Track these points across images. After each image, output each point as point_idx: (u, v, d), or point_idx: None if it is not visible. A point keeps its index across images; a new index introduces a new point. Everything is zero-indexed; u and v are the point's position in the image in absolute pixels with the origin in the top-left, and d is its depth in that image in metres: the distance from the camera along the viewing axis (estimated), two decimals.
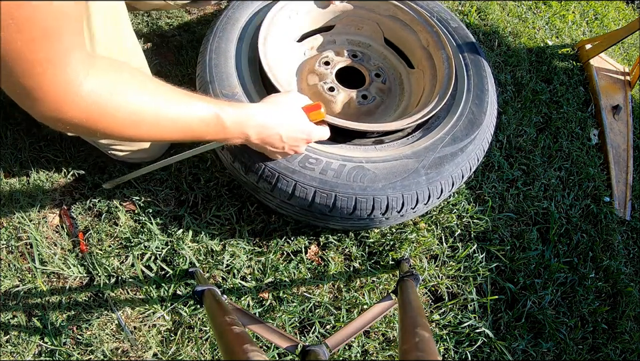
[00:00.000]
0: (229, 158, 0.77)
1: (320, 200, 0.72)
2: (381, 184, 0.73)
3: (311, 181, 0.72)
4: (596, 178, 1.28)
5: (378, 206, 0.73)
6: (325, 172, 0.73)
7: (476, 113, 0.86)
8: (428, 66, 0.94)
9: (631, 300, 1.07)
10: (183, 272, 0.87)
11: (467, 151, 0.80)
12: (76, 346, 0.81)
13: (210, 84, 0.80)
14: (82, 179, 0.98)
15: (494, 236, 1.06)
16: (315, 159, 0.74)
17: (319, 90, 0.91)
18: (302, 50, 1.03)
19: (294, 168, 0.72)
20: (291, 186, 0.72)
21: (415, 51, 0.99)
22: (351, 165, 0.74)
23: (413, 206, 0.76)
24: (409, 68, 1.02)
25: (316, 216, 0.78)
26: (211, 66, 0.82)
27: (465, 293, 0.95)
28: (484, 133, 0.85)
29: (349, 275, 0.93)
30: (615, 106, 1.50)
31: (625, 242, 1.21)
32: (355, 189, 0.72)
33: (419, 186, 0.74)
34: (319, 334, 0.85)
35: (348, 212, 0.73)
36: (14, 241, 0.88)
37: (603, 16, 2.00)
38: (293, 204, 0.76)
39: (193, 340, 0.82)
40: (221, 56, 0.84)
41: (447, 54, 0.89)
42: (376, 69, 0.98)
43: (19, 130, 1.02)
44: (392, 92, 0.99)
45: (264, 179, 0.73)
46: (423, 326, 0.49)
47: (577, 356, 0.96)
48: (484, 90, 0.91)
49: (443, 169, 0.77)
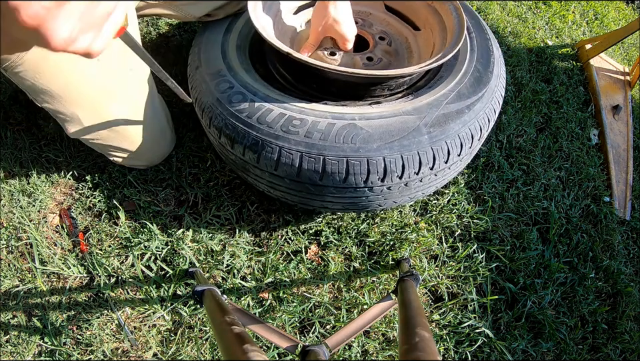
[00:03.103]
0: (216, 134, 0.75)
1: (307, 165, 0.67)
2: (376, 145, 0.66)
3: (296, 145, 0.67)
4: (596, 178, 1.28)
5: (374, 170, 0.66)
6: (310, 134, 0.67)
7: (482, 72, 0.81)
8: (436, 23, 0.91)
9: (630, 300, 1.07)
10: (182, 272, 0.87)
11: (474, 109, 0.73)
12: (76, 346, 0.81)
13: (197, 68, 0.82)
14: (82, 179, 0.98)
15: (494, 236, 1.06)
16: (300, 120, 0.68)
17: (319, 55, 0.84)
18: (298, 23, 0.99)
19: (277, 133, 0.68)
20: (275, 153, 0.68)
21: (419, 11, 0.95)
22: (341, 123, 0.67)
23: (416, 171, 0.68)
24: (415, 31, 0.99)
25: (309, 190, 0.72)
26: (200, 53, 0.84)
27: (465, 293, 0.95)
28: (492, 93, 0.79)
29: (349, 275, 0.93)
30: (615, 106, 1.50)
31: (624, 242, 1.21)
32: (346, 150, 0.65)
33: (420, 145, 0.67)
34: (318, 334, 0.85)
35: (341, 178, 0.67)
36: (14, 241, 0.88)
37: (602, 16, 2.00)
38: (281, 176, 0.71)
39: (192, 340, 0.82)
40: (209, 45, 0.86)
41: (454, 5, 0.85)
42: (379, 33, 0.94)
43: (19, 130, 1.02)
44: (399, 55, 0.95)
45: (249, 149, 0.70)
46: (423, 326, 0.49)
47: (577, 356, 0.96)
48: (489, 51, 0.87)
49: (448, 127, 0.69)
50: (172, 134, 0.98)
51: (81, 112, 0.78)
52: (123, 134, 0.84)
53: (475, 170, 1.15)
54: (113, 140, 0.84)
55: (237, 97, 0.73)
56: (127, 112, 0.82)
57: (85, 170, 0.99)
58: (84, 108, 0.78)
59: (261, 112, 0.70)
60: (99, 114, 0.79)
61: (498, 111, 0.81)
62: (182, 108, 1.10)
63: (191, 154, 1.02)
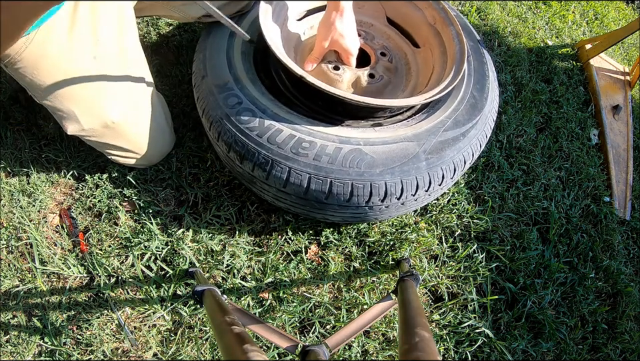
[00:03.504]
0: (224, 148, 0.76)
1: (315, 186, 0.71)
2: (379, 170, 0.71)
3: (305, 167, 0.70)
4: (596, 178, 1.28)
5: (376, 193, 0.71)
6: (319, 157, 0.71)
7: (477, 98, 0.85)
8: (436, 44, 0.93)
9: (630, 300, 1.07)
10: (182, 272, 0.87)
11: (469, 136, 0.79)
12: (76, 346, 0.81)
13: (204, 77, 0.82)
14: (82, 179, 0.98)
15: (494, 236, 1.06)
16: (309, 143, 0.72)
17: (323, 69, 0.86)
18: (302, 30, 1.00)
19: (287, 154, 0.71)
20: (285, 173, 0.71)
21: (421, 29, 0.97)
22: (348, 148, 0.72)
23: (413, 193, 0.73)
24: (414, 47, 1.00)
25: (313, 206, 0.76)
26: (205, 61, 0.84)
27: (465, 293, 0.95)
28: (486, 118, 0.83)
29: (349, 275, 0.93)
30: (615, 106, 1.50)
31: (624, 242, 1.21)
32: (352, 174, 0.70)
33: (418, 171, 0.72)
34: (318, 334, 0.85)
35: (345, 198, 0.71)
36: (14, 241, 0.88)
37: (603, 16, 2.00)
38: (288, 192, 0.74)
39: (192, 340, 0.82)
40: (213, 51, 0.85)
41: (457, 31, 0.87)
42: (381, 48, 0.96)
43: (19, 130, 1.02)
44: (398, 72, 0.97)
45: (259, 167, 0.73)
46: (423, 326, 0.49)
47: (577, 356, 0.96)
48: (485, 76, 0.90)
49: (444, 154, 0.75)
50: (171, 134, 0.98)
51: (77, 108, 0.78)
52: (120, 132, 0.84)
53: (475, 170, 1.15)
54: (110, 138, 0.84)
55: (247, 114, 0.75)
56: (124, 110, 0.82)
57: (85, 170, 0.99)
58: (80, 105, 0.78)
59: (271, 132, 0.73)
60: (95, 111, 0.79)
61: (489, 136, 0.86)
62: (182, 108, 1.10)
63: (191, 154, 1.02)
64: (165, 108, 0.96)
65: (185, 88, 1.14)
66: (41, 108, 1.03)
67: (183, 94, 1.13)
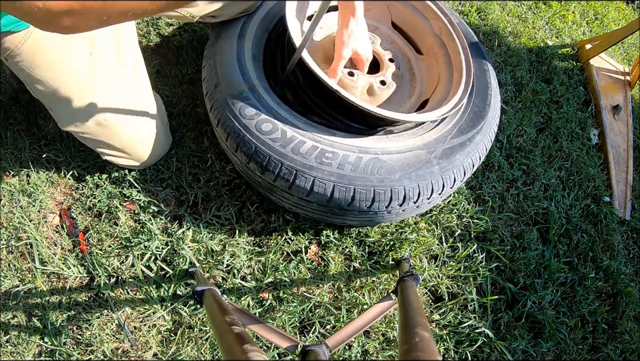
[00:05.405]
0: (244, 159, 0.77)
1: (339, 194, 0.73)
2: (397, 175, 0.74)
3: (329, 176, 0.73)
4: (596, 178, 1.28)
5: (396, 197, 0.74)
6: (342, 166, 0.74)
7: (480, 106, 0.89)
8: (441, 54, 0.95)
9: (630, 300, 1.07)
10: (182, 272, 0.87)
11: (475, 141, 0.84)
12: (76, 346, 0.81)
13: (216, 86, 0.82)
14: (82, 179, 0.98)
15: (494, 236, 1.06)
16: (332, 153, 0.75)
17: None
18: None
19: (311, 164, 0.73)
20: (309, 182, 0.73)
21: (426, 37, 0.98)
22: (368, 157, 0.75)
23: (429, 196, 0.77)
24: (417, 54, 1.01)
25: (334, 212, 0.79)
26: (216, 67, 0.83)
27: (465, 293, 0.95)
28: (489, 125, 0.88)
29: (349, 275, 0.93)
30: (615, 106, 1.50)
31: (624, 242, 1.21)
32: (373, 181, 0.73)
33: (433, 175, 0.76)
34: (318, 334, 0.85)
35: (367, 204, 0.74)
36: (14, 241, 0.88)
37: (603, 16, 2.00)
38: (311, 200, 0.76)
39: (192, 340, 0.82)
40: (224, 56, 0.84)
41: (462, 44, 0.90)
42: (388, 54, 0.97)
43: (19, 130, 1.02)
44: (404, 79, 0.99)
45: (281, 177, 0.74)
46: (423, 326, 0.49)
47: (577, 355, 0.96)
48: (487, 84, 0.93)
49: (454, 158, 0.80)
50: (166, 135, 0.97)
51: (72, 104, 0.78)
52: (113, 131, 0.83)
53: (475, 170, 1.15)
54: (102, 136, 0.84)
55: (267, 125, 0.76)
56: (118, 108, 0.82)
57: (85, 170, 0.99)
58: (74, 101, 0.78)
59: (294, 144, 0.75)
60: (88, 108, 0.79)
61: (493, 139, 0.91)
62: (182, 108, 1.10)
63: (191, 154, 1.02)
64: (161, 109, 0.95)
65: (185, 88, 1.14)
66: (41, 109, 1.03)
67: (182, 94, 1.13)
